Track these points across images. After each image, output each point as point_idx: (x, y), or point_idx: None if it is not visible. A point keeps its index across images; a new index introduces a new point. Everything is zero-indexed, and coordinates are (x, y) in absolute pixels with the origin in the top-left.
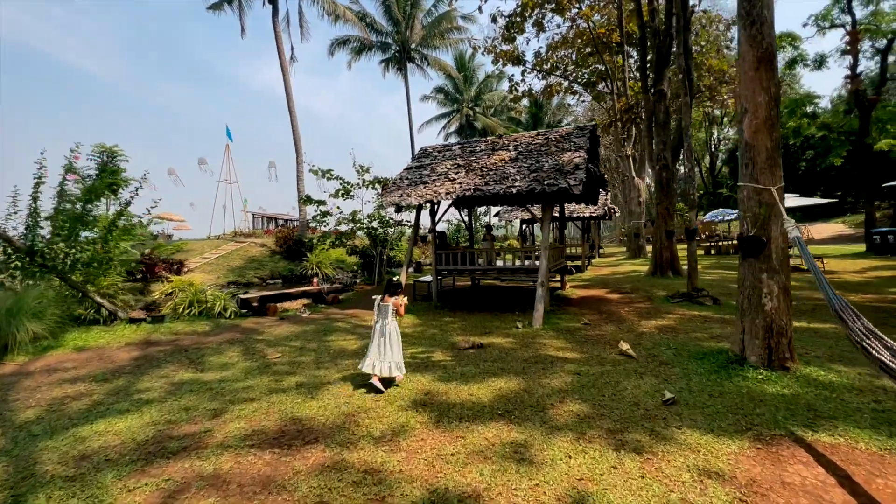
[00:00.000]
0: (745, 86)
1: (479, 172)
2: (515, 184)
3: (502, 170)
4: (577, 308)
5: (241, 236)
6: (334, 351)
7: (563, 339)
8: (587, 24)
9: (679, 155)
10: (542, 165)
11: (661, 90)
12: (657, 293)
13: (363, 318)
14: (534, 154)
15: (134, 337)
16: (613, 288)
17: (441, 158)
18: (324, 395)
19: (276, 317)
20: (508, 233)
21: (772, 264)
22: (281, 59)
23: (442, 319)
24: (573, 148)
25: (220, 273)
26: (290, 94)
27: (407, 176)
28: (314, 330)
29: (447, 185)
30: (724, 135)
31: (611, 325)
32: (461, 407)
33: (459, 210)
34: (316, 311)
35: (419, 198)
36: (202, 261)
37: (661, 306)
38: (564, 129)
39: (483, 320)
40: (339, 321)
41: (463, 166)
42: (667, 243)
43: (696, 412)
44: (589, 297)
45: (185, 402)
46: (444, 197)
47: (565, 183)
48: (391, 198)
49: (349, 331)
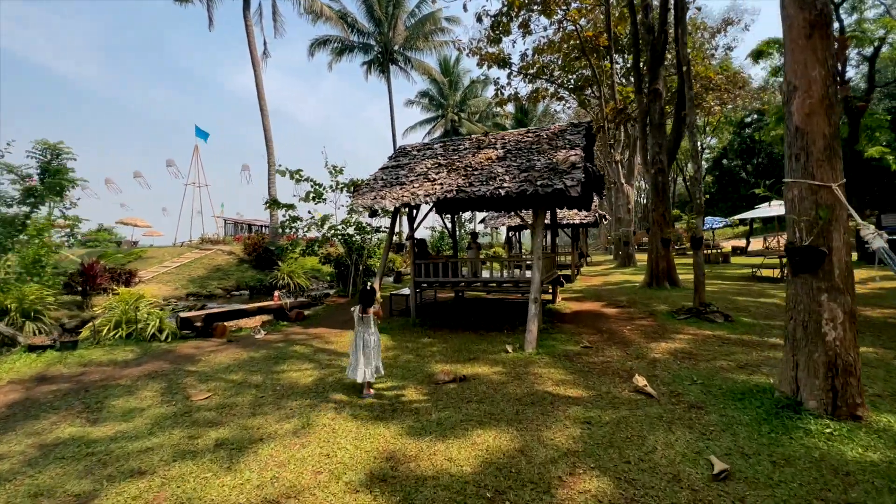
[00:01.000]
0: (793, 59)
1: (463, 172)
2: (504, 185)
3: (489, 169)
4: (573, 326)
5: (209, 243)
6: (282, 387)
7: (563, 369)
8: (575, 26)
9: (674, 158)
10: (534, 164)
11: (655, 89)
12: (659, 307)
13: (328, 340)
14: (524, 153)
15: (25, 371)
16: (609, 301)
17: (420, 157)
18: (248, 463)
19: (225, 339)
20: (494, 240)
21: (834, 282)
22: (252, 55)
23: (420, 340)
24: (568, 146)
25: (180, 284)
26: (262, 92)
27: (382, 176)
28: (264, 357)
29: (426, 186)
30: (707, 144)
31: (615, 349)
32: (435, 483)
33: (442, 215)
34: (275, 331)
35: (394, 200)
36: (161, 270)
37: (668, 324)
38: (557, 125)
39: (467, 341)
40: (299, 344)
41: (445, 166)
42: (663, 252)
43: (764, 495)
44: (584, 312)
45: (41, 481)
46: (423, 200)
47: (561, 184)
48: (363, 200)
49: (307, 357)
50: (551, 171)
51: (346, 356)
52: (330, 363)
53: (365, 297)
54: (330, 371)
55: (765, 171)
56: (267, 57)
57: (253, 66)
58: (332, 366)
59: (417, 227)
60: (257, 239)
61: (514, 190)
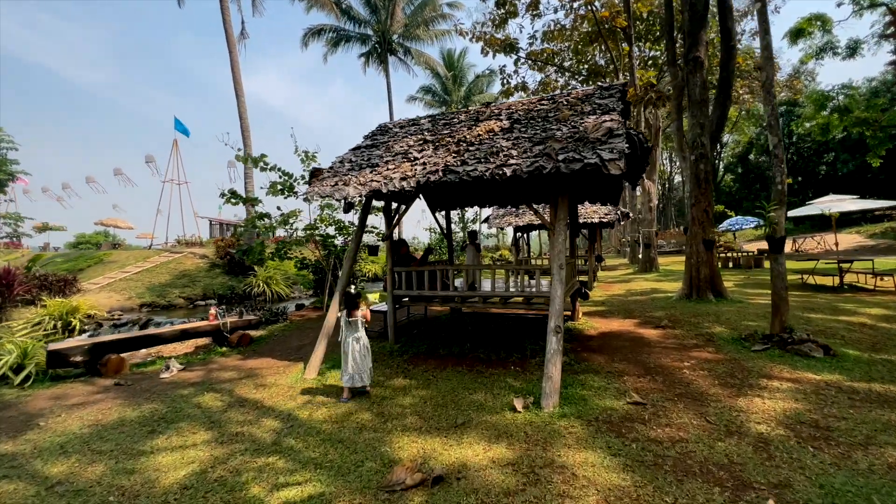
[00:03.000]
0: None
1: (454, 149)
2: (510, 162)
3: (490, 143)
4: (605, 357)
5: (184, 245)
6: (126, 495)
7: (608, 454)
8: (589, 6)
9: (718, 140)
10: (553, 134)
11: (696, 57)
12: (714, 329)
13: (263, 382)
14: (538, 122)
15: None
16: (643, 317)
17: (403, 135)
18: None
19: (118, 378)
20: (501, 242)
21: None
22: (227, 34)
23: (391, 383)
24: (599, 111)
25: (136, 292)
26: (238, 76)
27: (351, 158)
28: (143, 418)
29: (404, 167)
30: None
31: (684, 410)
32: None
33: (435, 212)
34: (200, 364)
35: (360, 187)
36: (120, 276)
37: (742, 358)
38: (581, 90)
39: (459, 384)
40: (216, 389)
41: (431, 142)
42: (705, 256)
43: None
44: (615, 335)
45: None
46: (399, 185)
47: (595, 157)
48: (321, 187)
49: (212, 418)
50: (578, 142)
51: (280, 413)
52: (241, 433)
53: (350, 300)
54: (231, 451)
55: (794, 169)
56: (245, 38)
57: (228, 46)
58: (241, 439)
59: (396, 222)
60: (231, 241)
61: (524, 169)
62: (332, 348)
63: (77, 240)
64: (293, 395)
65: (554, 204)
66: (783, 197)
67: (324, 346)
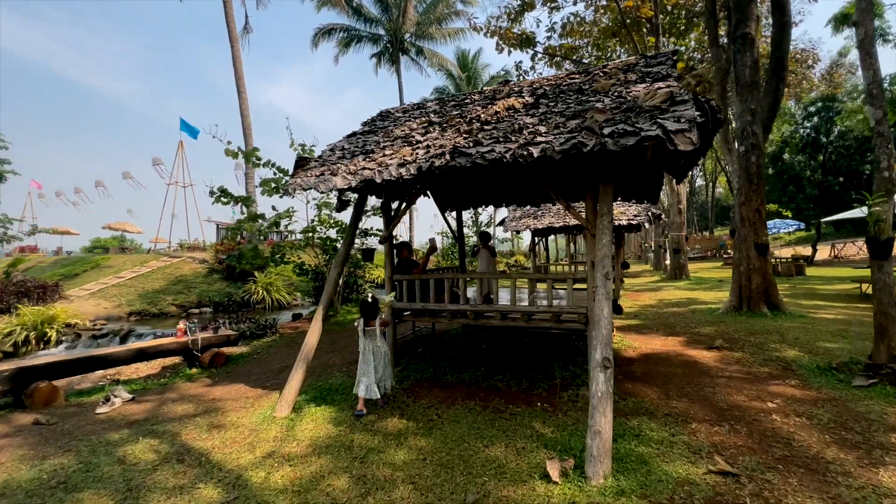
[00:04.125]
0: None
1: (466, 128)
2: (538, 140)
3: (510, 121)
4: (657, 391)
5: (186, 249)
6: None
7: None
8: None
9: (770, 129)
10: (593, 106)
11: (745, 34)
12: (788, 354)
13: (220, 422)
14: (570, 95)
15: None
16: (688, 334)
17: (406, 119)
18: None
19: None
20: (516, 247)
21: None
22: (229, 27)
23: (382, 428)
24: (650, 79)
25: (126, 299)
26: (240, 71)
27: (344, 146)
28: (43, 481)
29: (404, 151)
30: None
31: (801, 487)
32: None
33: (444, 213)
34: (158, 390)
35: (349, 177)
36: (113, 281)
37: (846, 398)
38: (621, 60)
39: (470, 432)
40: (166, 428)
41: (438, 123)
42: (758, 263)
43: None
44: (660, 358)
45: None
46: (396, 173)
47: (656, 128)
48: (303, 179)
49: (137, 481)
50: (628, 113)
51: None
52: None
53: (367, 309)
54: None
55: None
56: (248, 33)
57: (230, 41)
58: None
59: (396, 222)
60: (231, 245)
61: (556, 147)
62: (314, 375)
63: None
64: (254, 442)
65: (594, 195)
66: (891, 186)
67: (301, 373)
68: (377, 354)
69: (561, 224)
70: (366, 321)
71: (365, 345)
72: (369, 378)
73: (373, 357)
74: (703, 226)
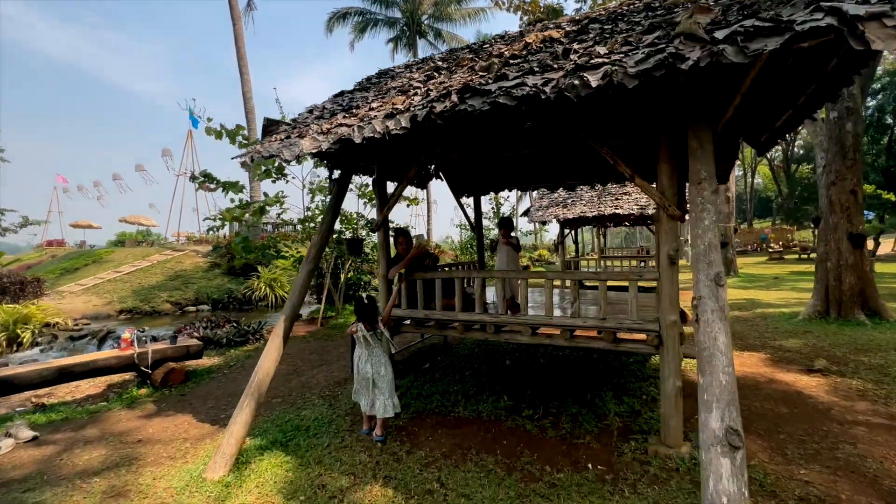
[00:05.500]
0: None
1: (483, 64)
2: (595, 61)
3: (545, 52)
4: (760, 444)
5: (193, 242)
6: None
7: None
8: None
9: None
10: (676, 14)
11: None
12: None
13: (143, 473)
14: (634, 15)
15: None
16: (770, 350)
17: (407, 72)
18: None
19: None
20: (538, 241)
21: None
22: (231, 4)
23: (355, 499)
24: None
25: (120, 295)
26: (243, 51)
27: (326, 105)
28: None
29: (396, 100)
30: None
31: None
32: None
33: (459, 199)
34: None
35: (321, 138)
36: (108, 276)
37: None
38: None
39: None
40: (44, 498)
41: (445, 69)
42: (852, 258)
43: None
44: (747, 386)
45: None
46: (381, 127)
47: (823, 15)
48: (265, 145)
49: None
50: (749, 7)
51: None
52: None
53: (365, 312)
54: None
55: None
56: (252, 10)
57: (232, 19)
58: None
59: (393, 204)
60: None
61: (630, 69)
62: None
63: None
64: None
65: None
66: None
67: (248, 414)
68: (378, 372)
69: (595, 213)
70: (369, 325)
71: (360, 357)
72: (368, 393)
73: (371, 378)
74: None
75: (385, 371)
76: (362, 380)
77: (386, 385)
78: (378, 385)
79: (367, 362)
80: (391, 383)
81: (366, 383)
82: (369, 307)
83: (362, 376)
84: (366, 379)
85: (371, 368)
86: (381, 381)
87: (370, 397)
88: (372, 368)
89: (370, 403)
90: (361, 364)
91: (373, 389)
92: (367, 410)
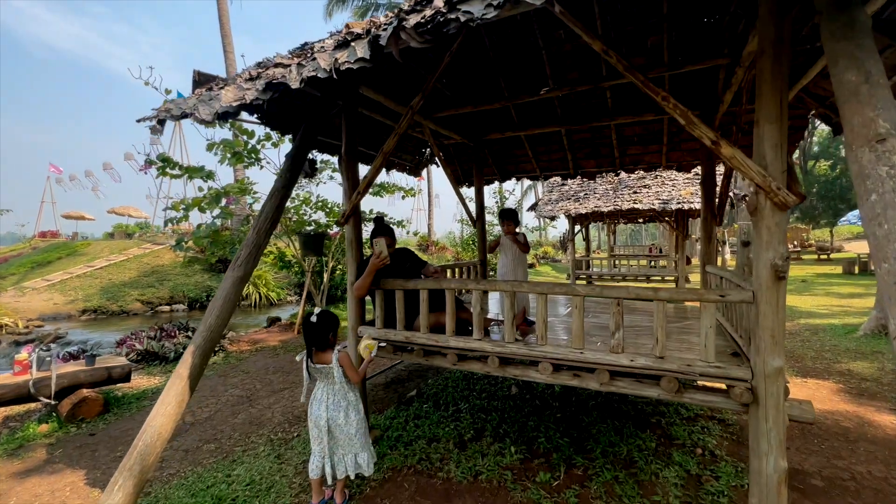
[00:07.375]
0: None
1: None
2: None
3: None
4: None
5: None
6: None
7: None
8: None
9: None
10: None
11: None
12: None
13: None
14: None
15: None
16: (838, 377)
17: None
18: None
19: None
20: (543, 238)
21: None
22: None
23: None
24: None
25: (87, 293)
26: (227, 27)
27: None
28: None
29: (353, 23)
30: None
31: None
32: None
33: (459, 188)
34: None
35: (247, 86)
36: (81, 271)
37: None
38: None
39: None
40: None
41: None
42: None
43: None
44: (832, 433)
45: None
46: (328, 63)
47: None
48: (184, 102)
49: None
50: None
51: None
52: None
53: (314, 334)
54: None
55: None
56: None
57: None
58: None
59: (365, 187)
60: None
61: None
62: (224, 446)
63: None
64: None
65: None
66: None
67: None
68: (334, 420)
69: (610, 208)
70: (316, 351)
71: (315, 400)
72: (321, 447)
73: (325, 425)
74: None
75: (346, 420)
76: (313, 427)
77: (348, 439)
78: (335, 437)
79: (320, 403)
80: (361, 435)
81: (317, 433)
82: (317, 327)
83: (314, 422)
84: (318, 427)
85: (325, 413)
86: (340, 432)
87: (324, 454)
88: (326, 413)
89: (321, 463)
90: (314, 405)
91: (328, 442)
92: (315, 474)
